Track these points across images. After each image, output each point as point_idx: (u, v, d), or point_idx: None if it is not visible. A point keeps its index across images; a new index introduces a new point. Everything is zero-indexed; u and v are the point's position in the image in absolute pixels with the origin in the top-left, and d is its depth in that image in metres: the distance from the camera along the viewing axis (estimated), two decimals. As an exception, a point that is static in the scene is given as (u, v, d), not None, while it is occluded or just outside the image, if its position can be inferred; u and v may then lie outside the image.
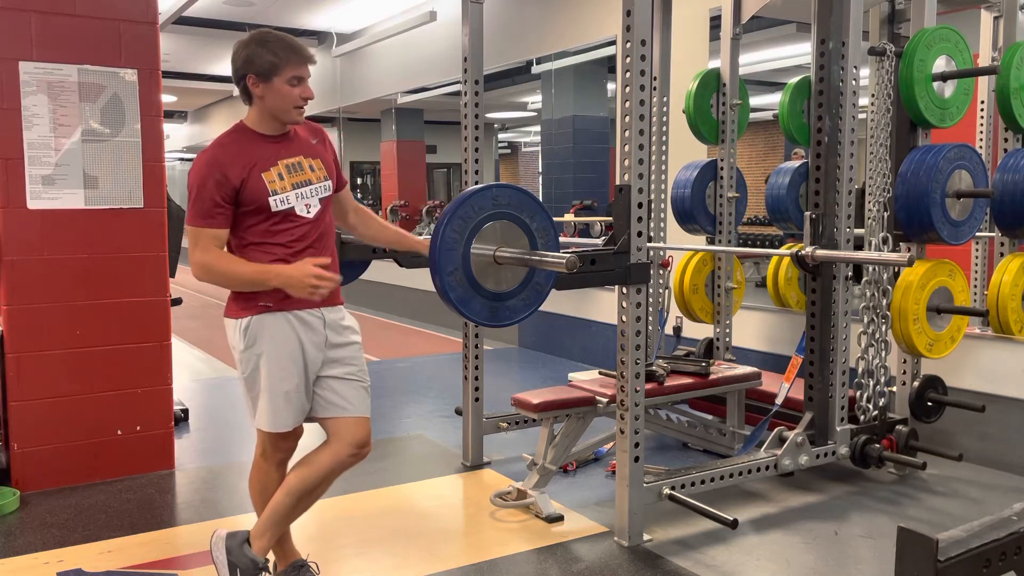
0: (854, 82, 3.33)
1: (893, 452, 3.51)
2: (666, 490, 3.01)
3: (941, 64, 3.48)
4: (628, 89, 2.79)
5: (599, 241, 4.14)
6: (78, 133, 3.53)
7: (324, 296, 2.30)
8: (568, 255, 2.47)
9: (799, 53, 8.29)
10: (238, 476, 3.72)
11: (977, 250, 4.69)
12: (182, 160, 20.67)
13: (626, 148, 2.82)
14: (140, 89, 3.64)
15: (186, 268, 3.00)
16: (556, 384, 3.71)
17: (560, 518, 3.18)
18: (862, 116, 3.62)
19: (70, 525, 3.18)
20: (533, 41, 7.06)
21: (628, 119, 2.81)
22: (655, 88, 4.45)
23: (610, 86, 9.65)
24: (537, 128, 14.51)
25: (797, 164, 4.51)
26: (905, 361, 3.66)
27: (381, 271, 4.99)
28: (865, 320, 3.58)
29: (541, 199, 3.72)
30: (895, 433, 3.56)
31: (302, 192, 2.35)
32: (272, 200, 2.30)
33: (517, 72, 9.21)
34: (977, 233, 3.66)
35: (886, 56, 3.57)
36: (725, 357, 4.34)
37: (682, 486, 3.06)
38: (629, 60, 2.78)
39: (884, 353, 3.58)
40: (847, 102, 3.32)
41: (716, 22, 4.71)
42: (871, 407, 3.56)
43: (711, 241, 4.45)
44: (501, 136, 18.44)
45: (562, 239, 3.04)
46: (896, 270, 3.53)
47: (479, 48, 3.66)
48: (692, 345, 4.51)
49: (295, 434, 2.48)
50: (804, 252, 3.29)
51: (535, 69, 9.25)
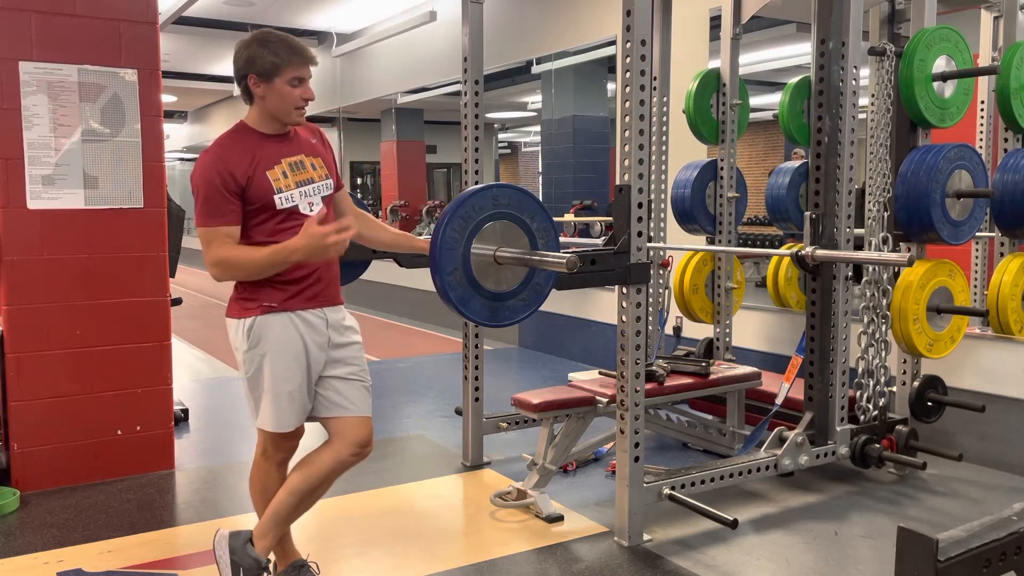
0: (854, 82, 3.33)
1: (893, 452, 3.51)
2: (666, 490, 3.01)
3: (941, 64, 3.48)
4: (628, 89, 2.80)
5: (599, 241, 4.14)
6: (78, 133, 3.53)
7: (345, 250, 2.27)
8: (568, 255, 2.47)
9: (799, 53, 8.29)
10: (238, 476, 3.72)
11: (977, 250, 4.69)
12: (182, 160, 20.68)
13: (626, 148, 2.82)
14: (140, 89, 3.64)
15: (186, 268, 3.00)
16: (556, 384, 3.71)
17: (560, 518, 3.18)
18: (862, 116, 3.62)
19: (70, 525, 3.18)
20: (533, 41, 7.06)
21: (628, 119, 2.81)
22: (655, 88, 4.45)
23: (610, 86, 9.65)
24: (537, 128, 14.52)
25: (797, 164, 4.51)
26: (905, 361, 3.67)
27: (381, 271, 4.99)
28: (865, 320, 3.58)
29: (541, 199, 3.72)
30: (895, 433, 3.56)
31: (305, 190, 2.36)
32: (277, 198, 2.30)
33: (517, 72, 9.22)
34: (977, 233, 3.66)
35: (886, 56, 3.57)
36: (725, 357, 4.34)
37: (682, 486, 3.06)
38: (629, 60, 2.79)
39: (884, 353, 3.58)
40: (847, 102, 3.32)
41: (716, 22, 4.71)
42: (871, 407, 3.56)
43: (711, 241, 4.45)
44: (501, 136, 18.45)
45: (562, 239, 3.04)
46: (896, 270, 3.53)
47: (479, 48, 3.67)
48: (692, 345, 4.51)
49: (297, 434, 2.48)
50: (804, 252, 3.29)
51: (535, 69, 9.25)
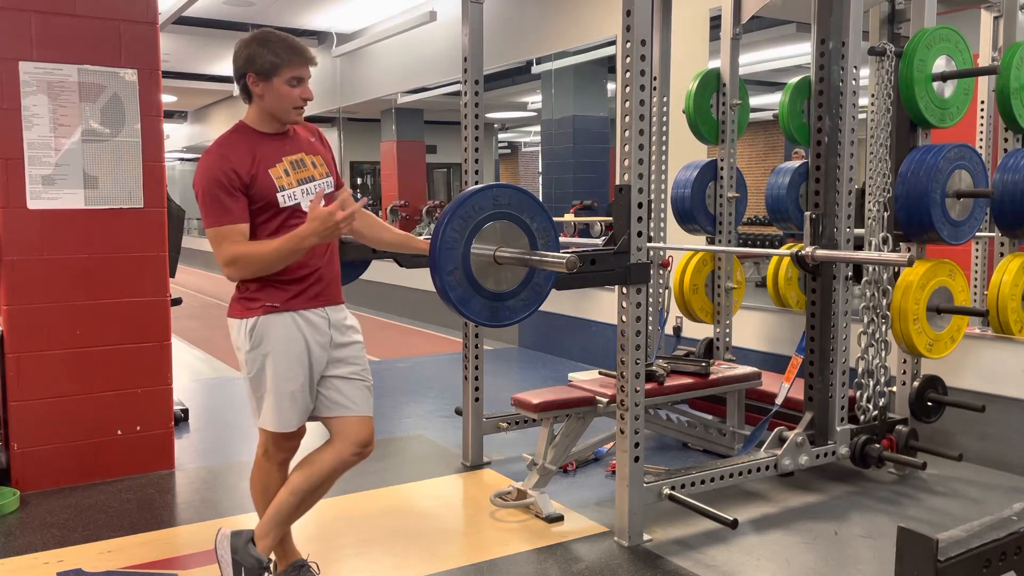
0: (854, 82, 3.33)
1: (893, 452, 3.51)
2: (666, 490, 3.01)
3: (941, 64, 3.48)
4: (628, 89, 2.79)
5: (599, 241, 4.14)
6: (78, 133, 3.53)
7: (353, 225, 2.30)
8: (568, 255, 2.47)
9: (799, 53, 8.29)
10: (238, 476, 3.72)
11: (977, 250, 4.69)
12: (182, 160, 20.69)
13: (626, 148, 2.82)
14: (140, 89, 3.64)
15: (186, 268, 2.99)
16: (556, 384, 3.71)
17: (560, 518, 3.18)
18: (862, 116, 3.62)
19: (70, 525, 3.18)
20: (533, 41, 7.06)
21: (628, 119, 2.81)
22: (655, 88, 4.45)
23: (610, 86, 9.65)
24: (537, 128, 14.52)
25: (797, 164, 4.51)
26: (905, 361, 3.67)
27: (381, 271, 4.99)
28: (865, 320, 3.58)
29: (541, 199, 3.72)
30: (895, 433, 3.56)
31: (307, 188, 2.36)
32: (280, 196, 2.30)
33: (517, 72, 9.22)
34: (977, 233, 3.66)
35: (886, 56, 3.56)
36: (725, 357, 4.34)
37: (682, 486, 3.06)
38: (629, 60, 2.78)
39: (884, 353, 3.58)
40: (847, 102, 3.32)
41: (716, 22, 4.71)
42: (871, 407, 3.56)
43: (711, 241, 4.45)
44: (501, 136, 18.45)
45: (562, 239, 3.04)
46: (896, 270, 3.53)
47: (479, 48, 3.67)
48: (692, 345, 4.51)
49: (298, 434, 2.48)
50: (804, 252, 3.28)
51: (535, 69, 9.25)
